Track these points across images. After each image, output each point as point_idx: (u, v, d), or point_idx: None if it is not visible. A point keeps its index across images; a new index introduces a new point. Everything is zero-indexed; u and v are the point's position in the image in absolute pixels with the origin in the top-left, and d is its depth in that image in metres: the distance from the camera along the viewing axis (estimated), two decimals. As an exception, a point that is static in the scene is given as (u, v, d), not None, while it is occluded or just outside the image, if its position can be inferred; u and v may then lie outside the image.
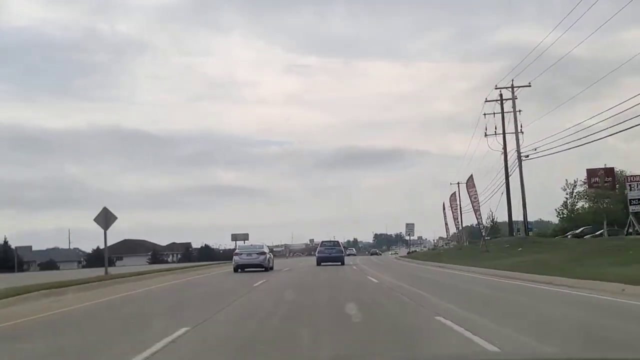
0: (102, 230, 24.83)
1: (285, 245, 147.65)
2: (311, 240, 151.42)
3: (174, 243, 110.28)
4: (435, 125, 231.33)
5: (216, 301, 13.51)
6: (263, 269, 29.82)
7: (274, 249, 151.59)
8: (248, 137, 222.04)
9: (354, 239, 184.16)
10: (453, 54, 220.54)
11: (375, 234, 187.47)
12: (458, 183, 72.32)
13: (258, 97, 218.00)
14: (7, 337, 8.80)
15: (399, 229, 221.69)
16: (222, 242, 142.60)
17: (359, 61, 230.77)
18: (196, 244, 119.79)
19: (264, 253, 30.92)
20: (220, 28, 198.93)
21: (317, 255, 37.49)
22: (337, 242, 40.51)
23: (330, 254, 36.15)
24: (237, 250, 32.53)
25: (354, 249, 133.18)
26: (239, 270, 30.19)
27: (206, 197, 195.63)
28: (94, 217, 24.83)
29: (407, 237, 53.23)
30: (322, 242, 40.07)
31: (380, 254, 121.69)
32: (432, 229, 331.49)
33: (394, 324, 9.04)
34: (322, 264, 35.31)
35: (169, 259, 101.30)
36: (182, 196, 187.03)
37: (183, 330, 8.29)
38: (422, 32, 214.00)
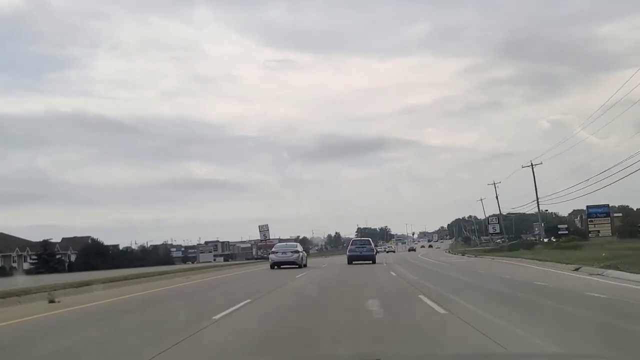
0: None
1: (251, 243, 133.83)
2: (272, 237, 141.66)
3: (75, 237, 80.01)
4: (415, 118, 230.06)
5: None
6: (297, 266, 31.41)
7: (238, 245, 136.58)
8: (223, 130, 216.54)
9: (336, 233, 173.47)
10: (431, 47, 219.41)
11: (359, 228, 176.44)
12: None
13: (234, 90, 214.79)
14: None
15: (382, 222, 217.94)
16: (192, 238, 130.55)
17: (336, 55, 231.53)
18: (159, 241, 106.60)
19: (297, 252, 33.01)
20: (195, 20, 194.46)
21: (348, 253, 37.83)
22: (368, 240, 40.14)
23: (362, 253, 36.51)
24: (273, 249, 34.85)
25: (392, 246, 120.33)
26: (275, 267, 31.84)
27: (178, 192, 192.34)
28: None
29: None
30: (353, 240, 41.59)
31: (415, 249, 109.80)
32: (424, 223, 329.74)
33: None
34: (353, 262, 35.40)
35: (18, 265, 63.53)
36: (152, 190, 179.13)
37: None
38: (399, 26, 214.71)
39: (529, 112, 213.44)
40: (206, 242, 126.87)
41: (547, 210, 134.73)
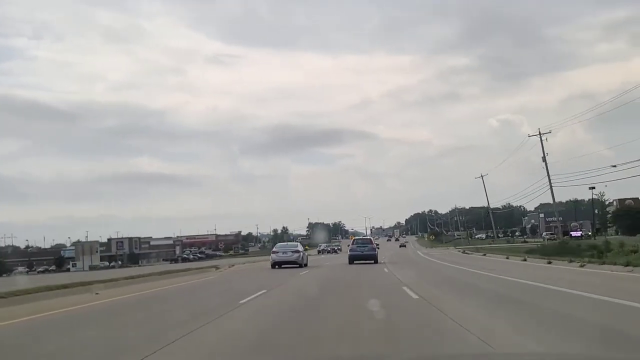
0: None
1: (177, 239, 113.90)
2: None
3: None
4: (368, 113, 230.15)
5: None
6: (298, 266, 31.88)
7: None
8: (170, 122, 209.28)
9: (284, 227, 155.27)
10: (381, 44, 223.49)
11: (310, 223, 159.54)
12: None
13: (183, 82, 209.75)
14: None
15: (335, 218, 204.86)
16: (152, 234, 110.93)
17: (289, 50, 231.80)
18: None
19: (298, 251, 33.58)
20: (144, 12, 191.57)
21: (349, 253, 37.01)
22: (369, 239, 40.43)
23: (363, 252, 35.70)
24: (274, 249, 35.41)
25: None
26: (276, 266, 32.28)
27: (123, 186, 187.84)
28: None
29: None
30: (354, 239, 40.98)
31: (406, 245, 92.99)
32: (380, 217, 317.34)
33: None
34: (354, 262, 34.61)
35: None
36: (98, 185, 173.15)
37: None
38: (353, 20, 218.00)
39: (487, 105, 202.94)
40: (109, 239, 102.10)
41: (521, 207, 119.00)
